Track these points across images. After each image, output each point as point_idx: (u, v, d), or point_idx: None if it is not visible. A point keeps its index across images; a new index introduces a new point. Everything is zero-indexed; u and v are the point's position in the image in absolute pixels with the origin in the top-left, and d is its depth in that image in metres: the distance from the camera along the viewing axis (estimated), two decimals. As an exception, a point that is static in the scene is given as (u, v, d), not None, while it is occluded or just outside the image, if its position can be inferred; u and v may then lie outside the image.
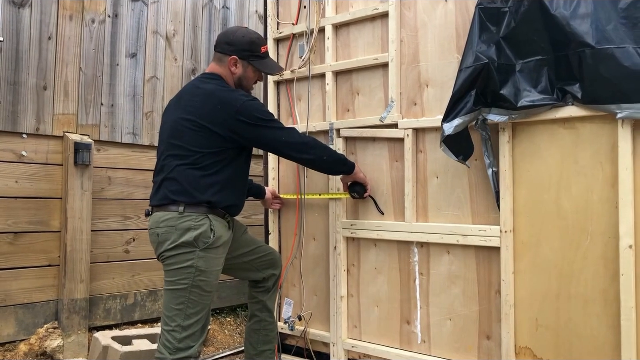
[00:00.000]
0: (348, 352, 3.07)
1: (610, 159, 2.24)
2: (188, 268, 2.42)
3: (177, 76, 4.33)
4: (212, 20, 4.58)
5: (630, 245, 2.16)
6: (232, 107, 2.50)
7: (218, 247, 2.50)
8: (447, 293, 2.73)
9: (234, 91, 2.61)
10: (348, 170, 2.86)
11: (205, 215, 2.46)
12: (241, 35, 2.68)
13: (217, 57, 2.68)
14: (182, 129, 2.52)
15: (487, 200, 2.59)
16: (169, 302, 2.46)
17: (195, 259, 2.42)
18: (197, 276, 2.43)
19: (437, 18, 2.77)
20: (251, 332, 2.94)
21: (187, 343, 2.42)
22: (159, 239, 2.47)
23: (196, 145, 2.49)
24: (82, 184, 3.65)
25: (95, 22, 3.86)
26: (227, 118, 2.49)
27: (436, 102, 2.76)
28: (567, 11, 2.25)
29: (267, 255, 2.93)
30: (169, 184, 2.50)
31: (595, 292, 2.28)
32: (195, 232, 2.42)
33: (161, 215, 2.48)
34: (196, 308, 2.45)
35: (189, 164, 2.48)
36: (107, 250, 3.88)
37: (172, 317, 2.43)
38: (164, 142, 2.60)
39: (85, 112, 3.81)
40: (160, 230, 2.46)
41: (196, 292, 2.44)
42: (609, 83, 2.15)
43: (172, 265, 2.45)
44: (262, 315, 2.92)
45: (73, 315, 3.60)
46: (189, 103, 2.57)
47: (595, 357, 2.27)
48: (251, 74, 2.70)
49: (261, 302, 2.92)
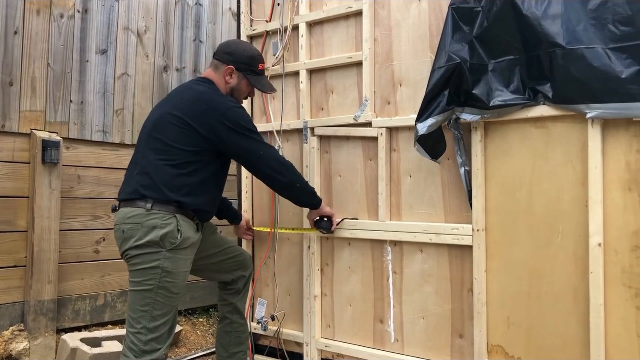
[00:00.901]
0: (321, 351, 3.06)
1: (581, 158, 2.27)
2: (154, 269, 2.37)
3: (149, 73, 4.26)
4: (185, 17, 4.52)
5: (600, 243, 2.19)
6: (219, 109, 2.50)
7: (186, 248, 2.46)
8: (420, 292, 2.73)
9: (224, 96, 2.63)
10: (315, 204, 2.84)
11: (172, 215, 2.41)
12: (242, 49, 2.73)
13: (214, 64, 2.71)
14: (166, 123, 2.50)
15: (460, 199, 2.60)
16: (134, 304, 2.40)
17: (162, 260, 2.37)
18: (163, 277, 2.38)
19: (410, 17, 2.77)
20: (222, 334, 2.91)
21: (153, 345, 2.37)
22: (124, 236, 2.42)
23: (176, 141, 2.47)
24: (50, 182, 3.56)
25: (64, 17, 3.78)
26: (211, 118, 2.48)
27: (410, 101, 2.76)
28: (538, 11, 2.27)
29: (237, 256, 2.90)
30: (141, 177, 2.46)
31: (566, 290, 2.30)
32: (161, 231, 2.38)
33: (128, 212, 2.43)
34: (163, 310, 2.40)
35: (165, 160, 2.45)
36: (77, 250, 3.80)
37: (137, 319, 2.38)
38: (144, 135, 2.58)
39: (54, 109, 3.72)
40: (126, 226, 2.41)
41: (162, 293, 2.39)
42: (579, 83, 2.18)
43: (137, 265, 2.40)
44: (232, 317, 2.89)
45: (40, 317, 3.52)
46: (178, 101, 2.57)
47: (565, 354, 2.30)
48: (244, 88, 2.72)
49: (231, 304, 2.89)
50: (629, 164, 2.17)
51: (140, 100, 4.19)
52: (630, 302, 2.15)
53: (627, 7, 2.09)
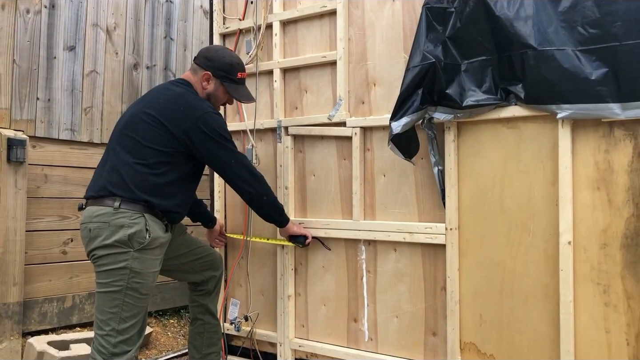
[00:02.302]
0: (295, 351, 3.05)
1: (551, 158, 2.31)
2: (122, 269, 2.33)
3: (118, 71, 4.18)
4: (155, 14, 4.45)
5: (569, 241, 2.24)
6: (195, 112, 2.48)
7: (154, 248, 2.42)
8: (394, 290, 2.74)
9: (202, 100, 2.61)
10: (282, 222, 2.82)
11: (141, 214, 2.38)
12: (222, 56, 2.70)
13: (193, 67, 2.70)
14: (139, 122, 2.47)
15: (433, 199, 2.62)
16: (102, 305, 2.35)
17: (130, 260, 2.34)
18: (132, 278, 2.34)
19: (384, 17, 2.78)
20: (195, 336, 2.88)
21: (122, 348, 2.33)
22: (91, 235, 2.37)
23: (148, 140, 2.43)
24: (16, 181, 3.47)
25: (31, 13, 3.68)
26: (186, 121, 2.46)
27: (384, 101, 2.77)
28: (510, 13, 2.30)
29: (207, 256, 2.87)
30: (110, 175, 2.42)
31: (537, 288, 2.34)
32: (129, 231, 2.34)
33: (95, 210, 2.38)
34: (132, 311, 2.36)
35: (136, 159, 2.41)
36: (43, 251, 3.71)
37: (106, 321, 2.33)
38: (116, 133, 2.54)
39: (20, 107, 3.62)
40: (93, 225, 2.36)
41: (131, 294, 2.35)
42: (550, 84, 2.22)
43: (104, 265, 2.35)
44: (204, 318, 2.87)
45: (5, 320, 3.42)
46: (153, 100, 2.54)
47: (536, 350, 2.34)
48: (221, 95, 2.70)
49: (202, 305, 2.86)
50: (597, 164, 2.22)
51: (109, 99, 4.11)
52: (599, 299, 2.20)
53: (596, 10, 2.14)
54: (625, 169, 2.16)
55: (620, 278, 2.16)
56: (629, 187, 2.15)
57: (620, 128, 2.17)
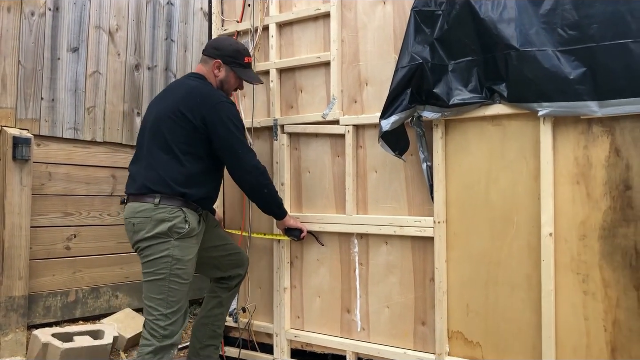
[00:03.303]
0: (291, 342, 3.16)
1: (534, 154, 2.42)
2: (165, 258, 2.53)
3: (120, 71, 4.30)
4: (157, 16, 4.56)
5: (551, 233, 2.34)
6: (212, 100, 2.67)
7: (192, 237, 2.62)
8: (385, 282, 2.85)
9: (216, 90, 2.79)
10: (280, 215, 2.93)
11: (179, 208, 2.57)
12: (228, 43, 2.90)
13: (204, 59, 2.88)
14: (165, 119, 2.65)
15: (422, 193, 2.73)
16: (149, 293, 2.55)
17: (171, 249, 2.53)
18: (174, 265, 2.53)
19: (376, 20, 2.89)
20: (200, 326, 2.99)
21: (171, 330, 2.54)
22: (134, 229, 2.57)
23: (176, 135, 2.62)
24: (21, 179, 3.58)
25: (35, 15, 3.79)
26: (202, 108, 2.63)
27: (375, 100, 2.88)
28: (494, 15, 2.41)
29: (235, 254, 3.01)
30: (148, 173, 2.61)
31: (520, 278, 2.45)
32: (169, 224, 2.54)
33: (137, 206, 2.58)
34: (177, 296, 2.56)
35: (169, 155, 2.60)
36: (47, 246, 3.81)
37: (154, 307, 2.53)
38: (146, 133, 2.71)
39: (25, 107, 3.74)
40: (136, 220, 2.57)
41: (175, 280, 2.54)
42: (532, 83, 2.33)
43: (149, 256, 2.55)
44: (214, 311, 2.98)
45: (11, 313, 3.53)
46: (172, 95, 2.73)
47: (520, 338, 2.44)
48: (232, 80, 2.87)
49: (220, 297, 2.99)
50: (577, 159, 2.32)
51: (111, 98, 4.22)
52: (578, 288, 2.31)
53: (575, 13, 2.25)
54: (603, 163, 2.27)
55: (598, 267, 2.27)
56: (606, 181, 2.26)
57: (598, 125, 2.28)
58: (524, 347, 2.43)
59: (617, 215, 2.23)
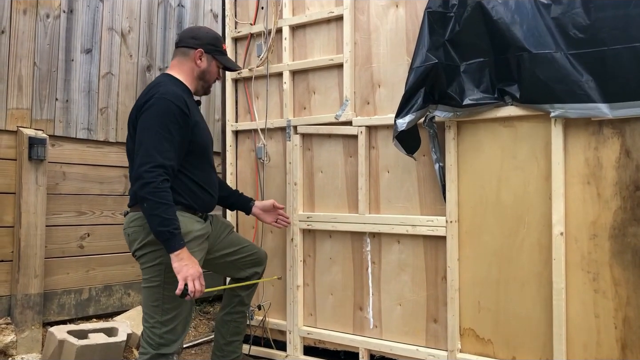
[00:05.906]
0: (304, 339, 3.21)
1: (545, 155, 2.47)
2: (158, 265, 2.45)
3: (132, 73, 4.35)
4: (168, 18, 4.62)
5: (562, 232, 2.39)
6: (151, 92, 2.49)
7: (189, 242, 2.47)
8: (397, 280, 2.90)
9: (168, 86, 2.53)
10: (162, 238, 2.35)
11: None
12: (205, 32, 2.77)
13: (181, 51, 2.67)
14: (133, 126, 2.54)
15: (434, 193, 2.78)
16: (146, 300, 2.50)
17: (164, 256, 2.40)
18: (168, 272, 2.42)
19: (388, 23, 2.94)
20: (223, 323, 2.99)
21: (168, 338, 2.47)
22: (130, 239, 2.54)
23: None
24: (36, 179, 3.64)
25: (50, 17, 3.85)
26: (141, 102, 2.48)
27: (387, 102, 2.93)
28: (507, 17, 2.45)
29: (253, 255, 2.96)
30: (133, 182, 2.52)
31: (531, 276, 2.50)
32: None
33: (131, 216, 2.53)
34: (172, 303, 2.46)
35: None
36: (62, 245, 3.87)
37: (150, 314, 2.48)
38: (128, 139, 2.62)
39: (40, 107, 3.79)
40: (130, 230, 2.52)
41: (170, 288, 2.43)
42: (544, 85, 2.37)
43: (145, 264, 2.50)
44: (236, 308, 2.98)
45: (27, 311, 3.59)
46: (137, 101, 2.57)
47: (531, 335, 2.49)
48: (214, 69, 2.73)
49: (240, 296, 2.97)
50: (587, 160, 2.37)
51: (124, 99, 4.27)
52: (589, 286, 2.36)
53: (586, 17, 2.30)
54: (613, 164, 2.32)
55: (609, 266, 2.32)
56: (616, 181, 2.31)
57: (609, 127, 2.33)
58: (535, 344, 2.49)
59: (627, 215, 2.28)
